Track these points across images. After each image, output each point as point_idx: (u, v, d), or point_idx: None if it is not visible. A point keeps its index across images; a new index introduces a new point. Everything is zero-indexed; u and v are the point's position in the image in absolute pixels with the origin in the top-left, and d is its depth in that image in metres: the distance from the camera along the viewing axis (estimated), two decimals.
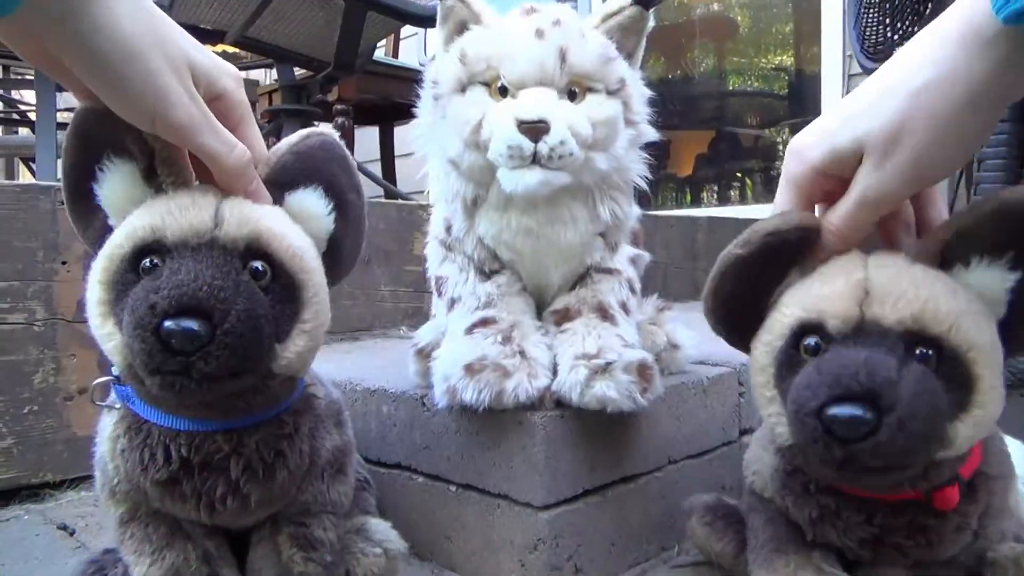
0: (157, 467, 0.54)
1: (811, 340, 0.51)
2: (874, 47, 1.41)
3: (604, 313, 0.71)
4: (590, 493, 0.70)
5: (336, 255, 0.59)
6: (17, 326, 0.92)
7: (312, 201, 0.57)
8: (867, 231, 0.53)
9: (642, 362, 0.66)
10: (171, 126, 0.49)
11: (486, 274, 0.73)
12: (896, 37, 1.36)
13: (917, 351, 0.48)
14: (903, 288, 0.49)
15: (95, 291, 0.51)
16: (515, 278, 0.73)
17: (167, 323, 0.45)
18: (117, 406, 0.57)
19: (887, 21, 1.39)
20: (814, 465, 0.52)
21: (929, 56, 0.47)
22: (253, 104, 2.92)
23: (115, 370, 0.56)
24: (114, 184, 0.53)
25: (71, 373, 0.95)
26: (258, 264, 0.51)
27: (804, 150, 0.53)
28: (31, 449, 0.92)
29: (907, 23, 1.35)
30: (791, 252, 0.54)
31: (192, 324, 0.46)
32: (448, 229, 0.74)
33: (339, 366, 0.93)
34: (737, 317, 0.57)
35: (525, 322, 0.70)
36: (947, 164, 0.49)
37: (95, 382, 0.57)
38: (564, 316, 0.72)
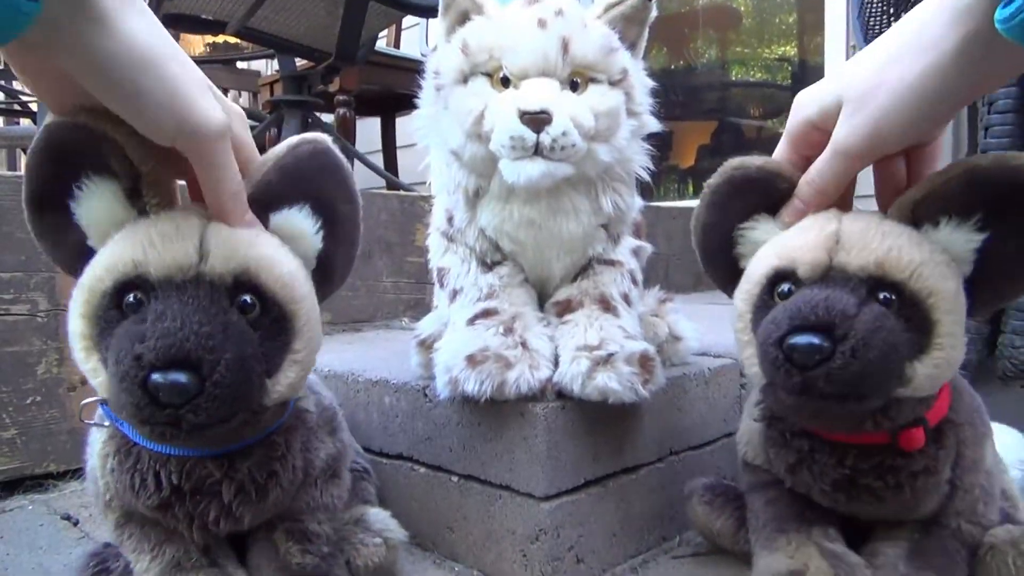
0: (148, 493, 0.53)
1: (784, 286, 0.55)
2: (878, 37, 1.40)
3: (606, 304, 0.71)
4: (591, 484, 0.70)
5: (327, 271, 0.57)
6: (20, 317, 0.92)
7: (298, 221, 0.54)
8: (841, 185, 0.56)
9: (644, 353, 0.66)
10: (198, 135, 0.47)
11: (488, 265, 0.73)
12: None
13: (880, 296, 0.51)
14: (870, 238, 0.53)
15: (77, 324, 0.49)
16: (517, 269, 0.73)
17: (154, 376, 0.44)
18: (106, 424, 0.56)
19: (891, 11, 1.39)
20: (781, 400, 0.54)
21: (915, 22, 0.49)
22: (254, 95, 2.92)
23: None
24: (95, 204, 0.50)
25: (74, 364, 0.95)
26: (246, 297, 0.49)
27: (802, 103, 0.57)
28: (35, 439, 0.93)
29: None
30: (756, 191, 0.60)
31: (180, 377, 0.44)
32: (450, 220, 0.74)
33: (341, 357, 0.94)
34: (714, 251, 0.63)
35: (527, 313, 0.70)
36: (906, 128, 0.51)
37: (83, 402, 0.56)
38: (566, 307, 0.72)
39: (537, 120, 0.61)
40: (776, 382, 0.52)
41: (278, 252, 0.52)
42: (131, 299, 0.48)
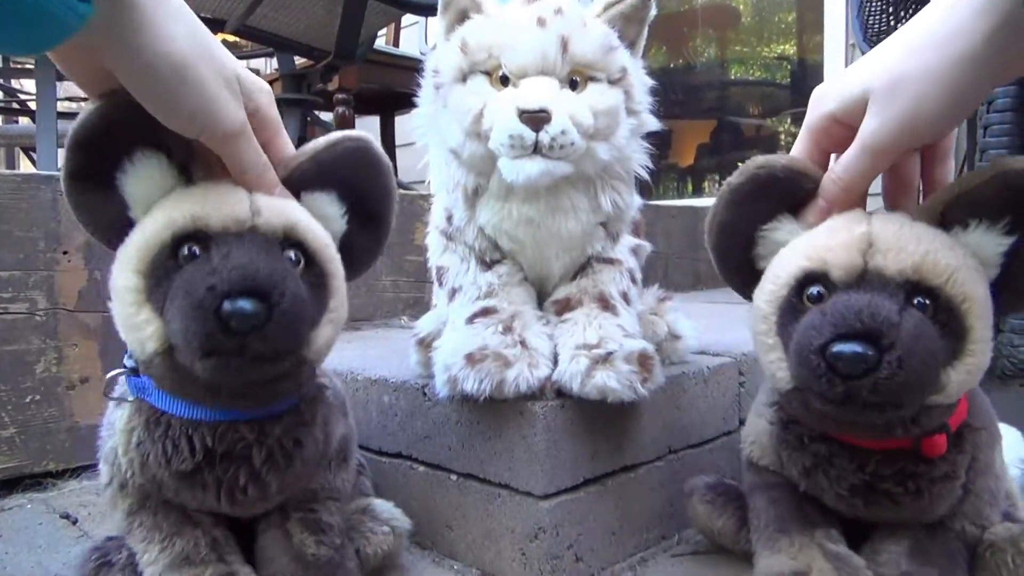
0: (182, 458, 0.54)
1: (815, 289, 0.53)
2: (877, 35, 1.41)
3: (605, 303, 0.71)
4: (590, 482, 0.70)
5: (349, 255, 0.59)
6: (19, 316, 0.92)
7: (325, 203, 0.58)
8: (868, 182, 0.55)
9: (643, 352, 0.66)
10: (218, 134, 0.51)
11: (487, 264, 0.73)
12: (899, 25, 1.35)
13: (916, 300, 0.50)
14: (905, 241, 0.51)
15: (129, 279, 0.51)
16: (516, 268, 0.73)
17: (227, 304, 0.46)
18: (130, 399, 0.57)
19: (890, 10, 1.39)
20: (812, 407, 0.53)
21: (939, 12, 0.48)
22: None
23: (128, 362, 0.56)
24: (145, 175, 0.53)
25: (73, 362, 0.96)
26: (292, 253, 0.53)
27: (822, 97, 0.56)
28: (33, 438, 0.93)
29: (910, 11, 1.35)
30: (780, 190, 0.57)
31: (251, 304, 0.47)
32: (449, 219, 0.74)
33: (340, 355, 0.93)
34: (731, 251, 0.60)
35: (526, 312, 0.70)
36: (940, 119, 0.50)
37: (108, 375, 0.57)
38: (565, 306, 0.72)
39: (536, 119, 0.61)
40: (814, 390, 0.50)
41: (313, 220, 0.57)
42: (187, 251, 0.51)
